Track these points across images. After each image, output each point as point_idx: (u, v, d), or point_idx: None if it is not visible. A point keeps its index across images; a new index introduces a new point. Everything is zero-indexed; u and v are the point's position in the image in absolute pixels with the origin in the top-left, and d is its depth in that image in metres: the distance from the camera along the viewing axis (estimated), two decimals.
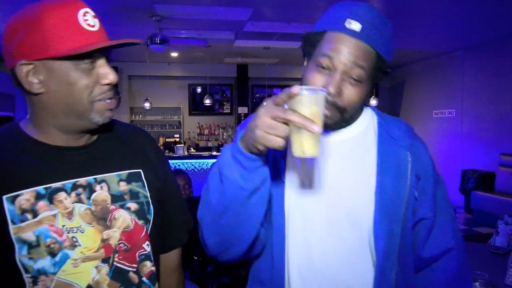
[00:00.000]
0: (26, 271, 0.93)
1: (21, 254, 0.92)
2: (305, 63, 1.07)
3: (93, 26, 0.95)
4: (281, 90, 0.93)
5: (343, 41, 0.97)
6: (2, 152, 0.98)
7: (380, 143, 1.07)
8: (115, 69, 9.36)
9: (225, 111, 10.31)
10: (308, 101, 0.80)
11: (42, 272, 0.94)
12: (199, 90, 10.13)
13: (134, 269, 1.06)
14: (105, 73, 0.98)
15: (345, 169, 1.05)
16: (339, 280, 1.03)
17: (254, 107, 10.02)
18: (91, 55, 0.94)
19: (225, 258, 1.03)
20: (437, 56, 8.27)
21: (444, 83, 8.11)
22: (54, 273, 0.95)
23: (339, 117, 1.01)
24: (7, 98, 7.49)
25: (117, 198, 1.05)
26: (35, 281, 0.94)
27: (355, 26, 0.96)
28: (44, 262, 0.94)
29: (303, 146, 0.81)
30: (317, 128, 0.77)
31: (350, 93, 0.98)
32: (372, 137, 1.10)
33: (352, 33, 0.96)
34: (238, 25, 5.89)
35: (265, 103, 0.82)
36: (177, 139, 9.51)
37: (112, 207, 1.04)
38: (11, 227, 0.92)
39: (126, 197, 1.07)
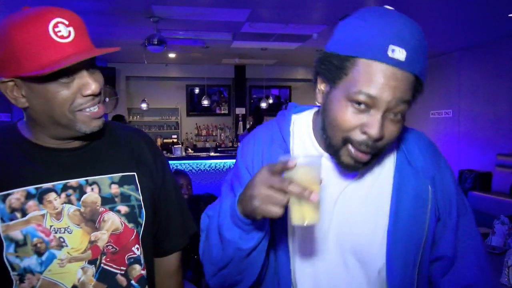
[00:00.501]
0: (13, 269, 0.95)
1: (8, 252, 0.94)
2: (321, 86, 0.91)
3: (66, 37, 0.90)
4: (278, 91, 0.89)
5: (387, 75, 0.79)
6: None
7: (397, 176, 0.95)
8: (112, 70, 9.22)
9: (222, 112, 10.32)
10: (305, 169, 0.77)
11: (28, 270, 0.95)
12: (196, 91, 10.13)
13: (123, 272, 1.06)
14: (86, 83, 0.94)
15: (356, 208, 0.94)
16: None
17: (251, 107, 10.03)
18: (68, 69, 0.90)
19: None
20: (434, 57, 8.29)
21: (441, 83, 8.13)
22: (41, 272, 0.97)
23: (373, 161, 0.89)
24: (4, 100, 7.45)
25: (107, 201, 1.05)
26: (21, 279, 0.96)
27: (400, 55, 0.79)
28: (30, 261, 0.95)
29: (302, 214, 0.78)
30: (316, 196, 0.74)
31: (391, 131, 0.84)
32: (390, 169, 0.97)
33: (396, 63, 0.79)
34: (236, 26, 5.89)
35: (261, 171, 0.79)
36: (175, 140, 9.50)
37: (102, 209, 1.04)
38: (0, 225, 0.94)
39: (116, 199, 1.06)
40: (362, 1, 4.74)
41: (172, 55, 8.27)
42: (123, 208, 1.07)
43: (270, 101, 9.91)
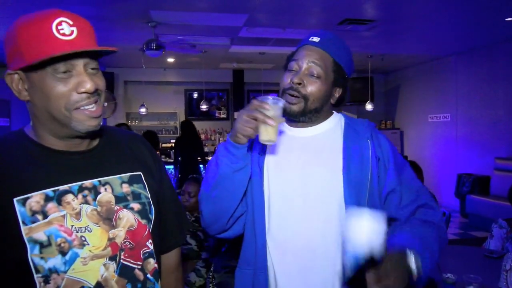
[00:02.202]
0: (37, 271, 0.97)
1: (33, 254, 0.96)
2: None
3: (68, 35, 0.96)
4: (277, 94, 1.35)
5: (306, 49, 1.33)
6: (11, 157, 1.03)
7: (345, 136, 1.35)
8: (110, 74, 9.24)
9: (221, 116, 10.32)
10: (270, 106, 1.16)
11: (53, 270, 0.98)
12: (195, 95, 10.14)
13: (139, 267, 1.11)
14: (82, 81, 0.98)
15: (317, 157, 1.32)
16: (313, 247, 1.26)
17: None
18: (66, 64, 0.96)
19: (213, 231, 1.35)
20: (431, 61, 8.32)
21: (439, 87, 8.16)
22: (65, 272, 0.99)
23: (303, 104, 1.31)
24: (2, 104, 7.47)
25: (120, 199, 1.11)
26: (46, 280, 0.97)
27: (315, 39, 1.33)
28: (55, 261, 0.98)
29: (264, 135, 1.16)
30: (272, 122, 1.13)
31: (311, 85, 1.30)
32: (339, 132, 1.37)
33: (312, 43, 1.33)
34: (234, 31, 5.91)
35: (248, 106, 1.18)
36: (174, 145, 9.50)
37: (117, 207, 1.10)
38: (23, 228, 0.96)
39: (129, 198, 1.13)
40: (358, 6, 4.76)
41: (170, 60, 8.28)
42: (136, 206, 1.13)
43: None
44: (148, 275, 1.13)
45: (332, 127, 1.39)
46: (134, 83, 9.43)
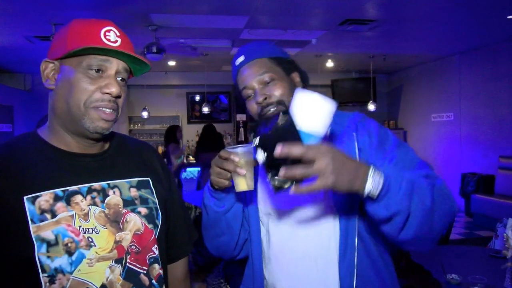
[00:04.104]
0: (43, 270, 0.97)
1: (40, 252, 0.97)
2: None
3: (114, 42, 1.05)
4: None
5: (241, 72, 1.30)
6: (23, 156, 1.06)
7: (331, 133, 1.23)
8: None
9: (223, 119, 10.32)
10: (240, 154, 1.11)
11: (59, 270, 0.98)
12: (197, 98, 10.14)
13: (145, 271, 1.12)
14: (109, 83, 1.04)
15: None
16: (313, 255, 1.21)
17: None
18: (100, 64, 1.04)
19: (226, 259, 1.42)
20: (434, 61, 8.30)
21: (442, 87, 8.13)
22: (71, 272, 0.99)
23: (281, 108, 1.23)
24: (5, 110, 7.49)
25: (128, 203, 1.13)
26: (52, 280, 0.98)
27: (241, 59, 1.31)
28: (62, 261, 0.98)
29: (240, 185, 1.13)
30: (242, 171, 1.09)
31: (273, 90, 1.25)
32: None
33: (241, 64, 1.30)
34: (235, 33, 5.91)
35: (216, 156, 1.15)
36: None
37: (124, 210, 1.11)
38: (31, 226, 0.97)
39: (136, 202, 1.14)
40: (360, 6, 4.74)
41: (171, 63, 8.29)
42: (143, 210, 1.15)
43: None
44: (153, 281, 1.13)
45: None
46: (136, 87, 9.45)
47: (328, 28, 5.63)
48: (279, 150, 0.92)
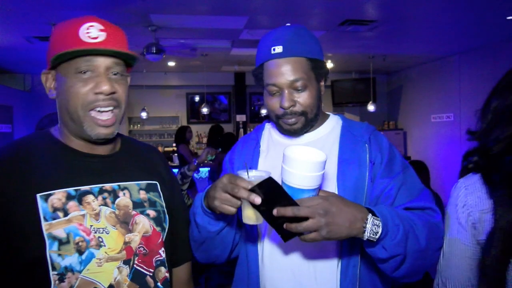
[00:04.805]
0: (54, 268, 0.98)
1: (51, 250, 0.98)
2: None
3: (95, 38, 1.02)
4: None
5: (275, 65, 1.19)
6: (37, 155, 1.07)
7: (342, 141, 1.26)
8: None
9: (223, 119, 10.31)
10: (254, 182, 1.00)
11: (69, 269, 0.99)
12: (197, 98, 10.13)
13: (151, 274, 1.13)
14: (99, 82, 1.03)
15: None
16: (312, 262, 1.18)
17: (252, 115, 10.03)
18: (87, 64, 1.02)
19: (216, 264, 1.33)
20: (434, 61, 8.29)
21: (442, 87, 8.12)
22: (80, 271, 1.00)
23: (303, 120, 1.24)
24: (5, 111, 7.48)
25: (137, 205, 1.14)
26: (61, 278, 0.98)
27: (278, 49, 1.19)
28: (72, 259, 0.99)
29: (249, 216, 1.04)
30: (258, 200, 0.98)
31: (302, 98, 1.21)
32: (336, 136, 1.29)
33: (278, 55, 1.19)
34: (234, 33, 5.90)
35: (222, 178, 1.06)
36: (175, 149, 9.50)
37: (133, 212, 1.12)
38: (43, 224, 0.98)
39: (145, 204, 1.16)
40: (359, 7, 4.74)
41: (171, 64, 8.28)
42: (152, 212, 1.16)
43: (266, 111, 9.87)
44: (159, 284, 1.14)
45: (328, 132, 1.31)
46: (136, 88, 9.43)
47: (327, 29, 5.62)
48: (275, 212, 0.97)
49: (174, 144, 7.63)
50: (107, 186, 1.10)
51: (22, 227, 0.97)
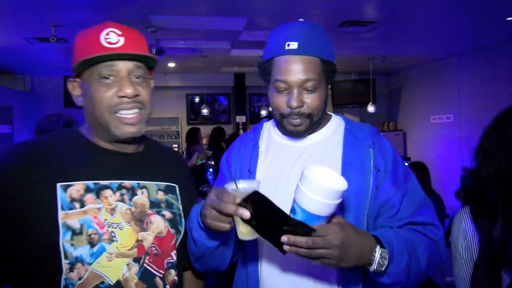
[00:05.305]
0: (66, 257, 1.00)
1: (64, 239, 1.00)
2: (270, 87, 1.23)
3: (115, 43, 1.06)
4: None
5: (288, 62, 1.13)
6: (61, 147, 1.12)
7: (345, 143, 1.22)
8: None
9: (223, 120, 10.31)
10: (244, 195, 0.94)
11: (79, 259, 1.01)
12: (196, 99, 10.14)
13: (161, 275, 1.13)
14: (122, 86, 1.07)
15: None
16: (312, 269, 1.14)
17: (252, 115, 10.03)
18: (109, 69, 1.06)
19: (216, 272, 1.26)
20: (433, 62, 8.29)
21: (441, 88, 8.12)
22: (90, 264, 1.02)
23: (308, 122, 1.19)
24: (4, 111, 7.47)
25: (154, 205, 1.16)
26: (71, 268, 1.01)
27: (293, 45, 1.13)
28: (83, 251, 1.01)
29: (244, 231, 0.99)
30: (247, 214, 0.92)
31: (310, 100, 1.16)
32: (339, 139, 1.25)
33: (292, 52, 1.13)
34: (234, 34, 5.90)
35: (211, 194, 1.00)
36: (176, 149, 9.50)
37: (149, 211, 1.14)
38: (60, 212, 1.02)
39: (162, 205, 1.17)
40: (359, 7, 4.74)
41: (171, 65, 8.28)
42: (167, 214, 1.17)
43: (271, 108, 9.87)
44: (167, 286, 1.14)
45: (331, 133, 1.27)
46: None
47: (327, 30, 5.60)
48: (285, 240, 0.91)
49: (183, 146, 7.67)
50: (126, 183, 1.12)
51: (40, 213, 1.01)
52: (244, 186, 0.99)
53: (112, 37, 1.06)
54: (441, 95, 8.11)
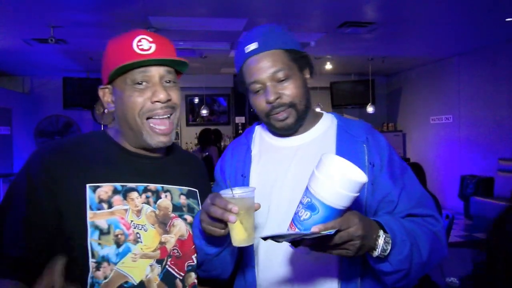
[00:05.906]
0: (93, 256, 1.03)
1: (92, 238, 1.03)
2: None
3: (147, 50, 1.09)
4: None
5: (252, 62, 1.17)
6: (91, 149, 1.14)
7: (339, 141, 1.21)
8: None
9: (222, 121, 10.31)
10: (239, 201, 0.97)
11: (106, 259, 1.03)
12: (196, 100, 10.14)
13: (181, 277, 1.15)
14: (155, 91, 1.10)
15: (307, 168, 1.03)
16: (309, 271, 1.13)
17: (251, 116, 10.03)
18: (143, 75, 1.09)
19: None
20: (433, 63, 8.30)
21: (441, 89, 8.13)
22: (115, 263, 1.04)
23: (295, 113, 1.19)
24: (4, 113, 7.47)
25: (177, 208, 1.19)
26: (97, 267, 1.03)
27: (253, 46, 1.17)
28: (109, 250, 1.04)
29: (238, 237, 0.98)
30: (233, 218, 0.93)
31: (287, 89, 1.17)
32: (332, 136, 1.23)
33: (254, 52, 1.17)
34: (234, 35, 5.90)
35: (206, 200, 1.01)
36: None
37: (172, 215, 1.17)
38: (88, 212, 1.05)
39: (184, 209, 1.20)
40: (358, 8, 4.74)
41: None
42: (189, 218, 1.20)
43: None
44: None
45: (324, 131, 1.26)
46: None
47: (326, 31, 5.63)
48: (315, 229, 0.88)
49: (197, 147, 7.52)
50: (152, 186, 1.15)
51: (70, 213, 1.04)
52: (239, 192, 1.00)
53: (144, 44, 1.09)
54: (441, 95, 8.12)
